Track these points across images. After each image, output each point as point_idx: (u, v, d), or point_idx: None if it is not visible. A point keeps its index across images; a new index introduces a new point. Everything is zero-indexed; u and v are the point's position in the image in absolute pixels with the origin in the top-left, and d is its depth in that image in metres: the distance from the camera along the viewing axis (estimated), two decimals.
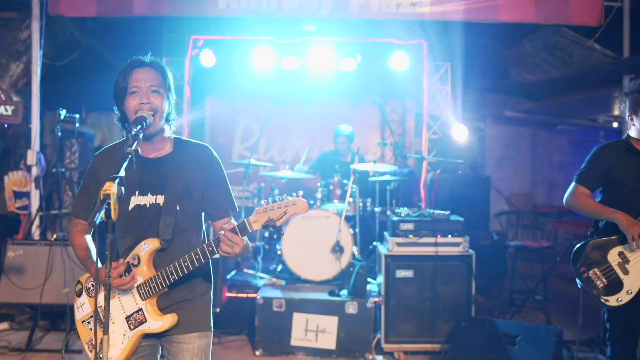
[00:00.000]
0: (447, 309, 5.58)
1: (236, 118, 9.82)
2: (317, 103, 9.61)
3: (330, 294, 5.78)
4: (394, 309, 5.60)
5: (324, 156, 7.72)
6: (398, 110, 9.71)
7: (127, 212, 2.71)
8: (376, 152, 9.64)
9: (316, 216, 6.45)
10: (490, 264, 6.64)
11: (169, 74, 2.80)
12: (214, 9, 6.32)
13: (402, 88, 9.09)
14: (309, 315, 5.62)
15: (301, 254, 6.37)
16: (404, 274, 5.62)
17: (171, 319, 2.66)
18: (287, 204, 2.40)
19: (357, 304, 5.59)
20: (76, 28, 7.35)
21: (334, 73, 8.54)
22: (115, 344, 2.70)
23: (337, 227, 6.29)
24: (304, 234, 6.38)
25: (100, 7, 6.29)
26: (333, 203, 6.77)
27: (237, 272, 6.78)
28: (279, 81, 8.97)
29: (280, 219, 2.39)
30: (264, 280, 6.51)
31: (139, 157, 2.73)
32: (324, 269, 6.30)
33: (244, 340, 5.98)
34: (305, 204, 2.42)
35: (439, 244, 5.62)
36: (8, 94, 6.77)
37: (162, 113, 2.70)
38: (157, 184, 2.72)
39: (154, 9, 6.31)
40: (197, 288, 2.79)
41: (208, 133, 10.01)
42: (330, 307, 5.62)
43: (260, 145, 9.85)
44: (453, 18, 6.32)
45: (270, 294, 5.75)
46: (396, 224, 5.72)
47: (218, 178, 2.81)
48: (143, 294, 2.66)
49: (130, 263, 2.69)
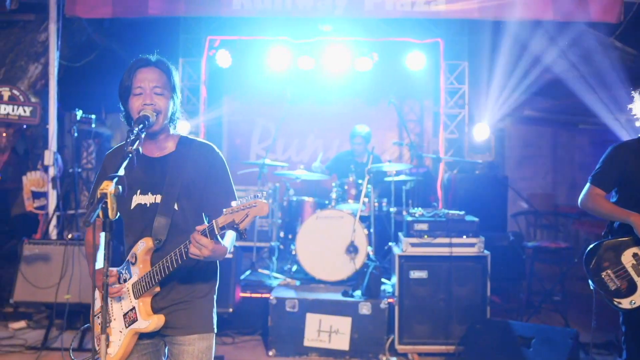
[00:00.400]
0: (462, 311, 5.51)
1: (253, 118, 9.84)
2: (334, 103, 9.59)
3: (343, 295, 5.75)
4: (408, 310, 5.55)
5: (340, 157, 7.69)
6: (416, 109, 9.65)
7: (130, 211, 2.72)
8: (394, 152, 9.59)
9: (331, 216, 6.42)
10: (507, 265, 6.55)
11: (175, 74, 2.78)
12: (229, 9, 6.33)
13: (419, 87, 9.04)
14: (322, 315, 5.59)
15: (316, 255, 6.34)
16: (418, 275, 5.57)
17: (156, 320, 2.65)
18: (249, 206, 2.33)
19: (371, 305, 5.55)
20: (93, 30, 7.42)
21: (350, 73, 8.52)
22: (114, 341, 2.71)
23: (351, 227, 6.25)
24: (319, 234, 6.35)
25: (115, 8, 6.35)
26: (348, 203, 6.73)
27: (252, 272, 6.77)
28: (295, 81, 8.97)
29: (242, 221, 2.32)
30: (278, 280, 6.50)
31: (142, 156, 2.75)
32: (339, 269, 6.27)
33: (257, 340, 5.97)
34: (265, 206, 2.33)
35: (453, 244, 5.55)
36: (26, 95, 6.85)
37: (165, 113, 2.69)
38: (157, 183, 2.72)
39: (168, 10, 6.35)
40: (198, 289, 2.76)
41: (226, 133, 10.05)
42: (344, 308, 5.59)
43: (277, 145, 9.87)
44: (468, 16, 6.26)
45: (283, 294, 5.73)
46: (410, 224, 5.67)
47: (219, 178, 2.77)
48: (136, 292, 2.65)
49: (129, 261, 2.69)
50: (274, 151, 9.86)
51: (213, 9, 6.34)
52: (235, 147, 9.85)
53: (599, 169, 3.74)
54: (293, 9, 6.31)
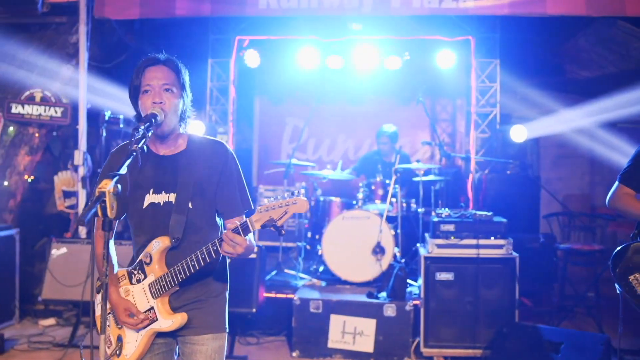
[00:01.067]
0: (489, 314, 5.38)
1: (284, 118, 9.83)
2: (365, 103, 9.52)
3: (368, 296, 5.68)
4: (434, 312, 5.44)
5: (367, 157, 7.62)
6: (448, 109, 9.51)
7: (142, 210, 2.70)
8: (426, 151, 9.47)
9: (357, 217, 6.36)
10: (539, 268, 6.39)
11: (184, 72, 2.75)
12: (255, 9, 6.33)
13: (451, 86, 8.90)
14: (347, 317, 5.54)
15: (342, 255, 6.29)
16: (444, 277, 5.46)
17: (180, 319, 2.64)
18: (287, 203, 2.32)
19: (396, 307, 5.47)
20: (124, 31, 7.50)
21: (380, 72, 8.44)
22: (129, 342, 2.71)
23: (378, 228, 6.18)
24: (345, 235, 6.30)
25: (143, 9, 6.41)
26: (375, 203, 6.66)
27: (278, 273, 6.75)
28: (326, 81, 8.95)
29: (281, 218, 2.32)
30: (304, 281, 6.47)
31: (153, 155, 2.75)
32: (365, 270, 6.21)
33: (282, 341, 5.95)
34: (305, 203, 2.33)
35: (480, 245, 5.43)
36: (58, 96, 6.96)
37: (174, 112, 2.66)
38: (170, 182, 2.70)
39: (195, 10, 6.38)
40: (211, 288, 2.74)
41: (257, 134, 10.07)
42: (368, 310, 5.52)
43: (308, 145, 9.85)
44: (498, 12, 6.13)
45: (307, 295, 5.69)
46: (436, 225, 5.56)
47: (231, 175, 2.74)
48: (154, 292, 2.64)
49: (143, 261, 2.68)
50: (305, 151, 9.84)
51: (239, 8, 6.35)
52: (267, 147, 9.86)
53: (628, 167, 3.61)
54: (319, 7, 6.27)
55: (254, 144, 10.18)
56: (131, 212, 2.75)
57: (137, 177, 2.72)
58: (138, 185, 2.72)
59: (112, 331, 2.79)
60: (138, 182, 2.72)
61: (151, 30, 7.88)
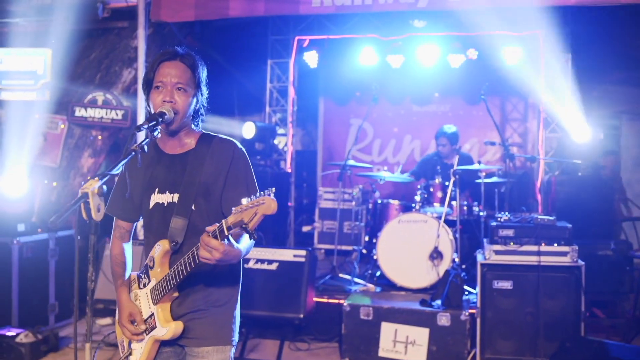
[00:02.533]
0: (551, 326, 4.99)
1: (349, 119, 9.66)
2: (431, 102, 9.24)
3: (421, 304, 5.41)
4: (491, 322, 5.11)
5: (427, 159, 7.33)
6: (519, 107, 9.04)
7: (148, 210, 2.61)
8: (496, 152, 9.05)
9: (414, 220, 6.12)
10: (611, 277, 5.91)
11: (202, 68, 2.62)
12: (308, 7, 6.19)
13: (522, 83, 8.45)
14: (398, 325, 5.30)
15: (397, 260, 6.07)
16: (502, 285, 5.11)
17: (174, 327, 2.49)
18: (256, 204, 2.10)
19: (450, 316, 5.18)
20: (184, 35, 7.56)
21: (444, 70, 8.14)
22: (136, 348, 2.61)
23: (435, 232, 5.91)
24: (401, 239, 6.09)
25: (197, 11, 6.41)
26: (433, 206, 6.38)
27: (332, 277, 6.58)
28: (389, 80, 8.71)
29: (251, 220, 2.10)
30: (359, 286, 6.27)
31: (163, 153, 2.64)
32: (421, 276, 5.96)
33: (334, 347, 5.77)
34: (273, 203, 2.10)
35: (542, 252, 5.05)
36: (119, 99, 7.07)
37: (185, 111, 2.53)
38: (175, 182, 2.57)
39: (249, 10, 6.31)
40: (214, 297, 2.58)
41: (321, 135, 9.96)
42: (421, 318, 5.26)
43: (373, 146, 9.65)
44: (565, 3, 5.72)
45: (358, 301, 5.49)
46: (494, 229, 5.23)
47: (240, 175, 2.57)
48: (154, 297, 2.53)
49: (148, 265, 2.58)
50: (370, 153, 9.65)
51: (292, 7, 6.22)
52: (331, 148, 9.72)
53: None
54: (373, 4, 6.05)
55: (318, 145, 10.08)
56: (143, 214, 2.67)
57: (145, 176, 2.63)
58: (146, 185, 2.62)
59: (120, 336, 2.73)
60: (146, 182, 2.62)
61: (211, 33, 7.93)
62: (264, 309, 5.42)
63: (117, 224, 2.79)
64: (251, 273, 5.52)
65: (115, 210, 2.76)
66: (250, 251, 5.23)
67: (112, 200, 2.76)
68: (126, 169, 2.69)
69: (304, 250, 5.55)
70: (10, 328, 5.40)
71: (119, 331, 2.77)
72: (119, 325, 2.66)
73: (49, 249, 6.02)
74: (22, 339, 5.17)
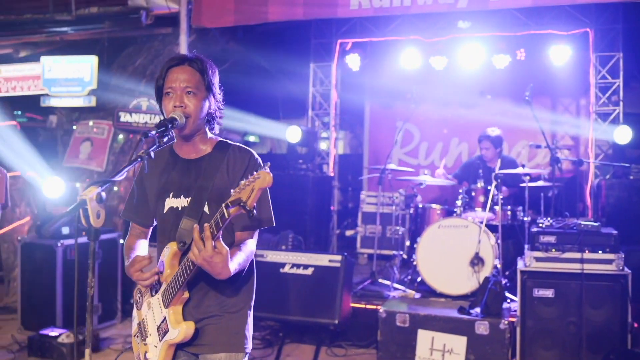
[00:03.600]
0: (595, 337, 4.77)
1: (394, 122, 9.53)
2: (479, 105, 9.01)
3: (459, 311, 5.27)
4: (531, 332, 4.93)
5: (469, 163, 7.16)
6: (571, 109, 8.73)
7: (163, 215, 2.60)
8: (546, 155, 8.74)
9: (454, 225, 5.98)
10: None
11: (211, 72, 2.61)
12: (346, 10, 6.16)
13: (572, 84, 8.17)
14: (435, 333, 5.17)
15: (437, 266, 5.95)
16: (543, 293, 4.93)
17: (185, 328, 2.44)
18: (253, 179, 2.06)
19: (489, 324, 5.02)
20: (227, 40, 7.64)
21: (491, 71, 7.95)
22: (151, 357, 2.58)
23: (477, 237, 5.76)
24: (441, 244, 5.96)
25: (237, 16, 6.47)
26: (475, 211, 6.22)
27: (372, 282, 6.50)
28: (434, 82, 8.57)
29: (249, 197, 2.05)
30: (398, 292, 6.17)
31: (178, 158, 2.64)
32: (461, 282, 5.81)
33: (371, 354, 5.68)
34: (268, 176, 2.04)
35: (585, 260, 4.84)
36: None
37: (197, 115, 2.52)
38: (190, 186, 2.57)
39: (287, 14, 6.33)
40: (230, 302, 2.55)
41: (367, 139, 9.88)
42: (459, 326, 5.12)
43: (420, 149, 9.51)
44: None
45: (394, 308, 5.40)
46: (535, 235, 5.05)
47: None
48: (165, 300, 2.51)
49: (159, 270, 2.57)
50: (416, 156, 9.51)
51: (331, 10, 6.21)
52: (377, 152, 9.63)
53: None
54: (412, 5, 5.97)
55: (365, 149, 10.00)
56: (157, 218, 2.67)
57: (160, 181, 2.64)
58: (161, 189, 2.62)
59: (140, 348, 2.70)
60: (161, 186, 2.63)
61: (254, 37, 7.97)
62: (299, 314, 5.40)
63: (133, 226, 2.80)
64: (286, 278, 5.51)
65: (130, 214, 2.78)
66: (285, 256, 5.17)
67: (128, 204, 2.79)
68: (142, 175, 2.71)
69: (340, 255, 5.50)
70: (54, 328, 5.54)
71: (135, 345, 2.76)
72: (130, 274, 2.57)
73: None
74: (64, 339, 5.30)
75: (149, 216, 2.73)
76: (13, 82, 7.44)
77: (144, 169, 2.48)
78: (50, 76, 7.08)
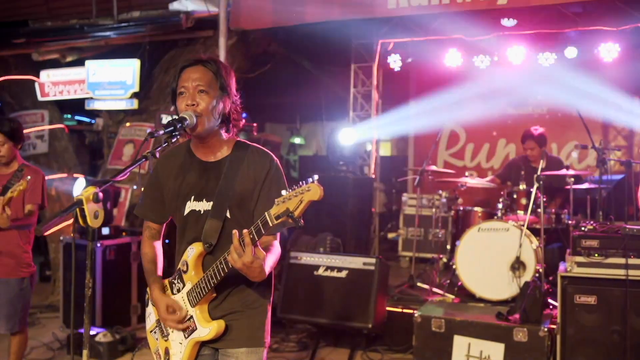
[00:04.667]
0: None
1: (440, 123, 9.35)
2: (527, 104, 8.79)
3: (497, 317, 5.11)
4: (572, 340, 4.72)
5: (513, 162, 6.93)
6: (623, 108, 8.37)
7: (183, 217, 2.61)
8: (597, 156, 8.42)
9: (495, 228, 5.80)
10: None
11: (224, 72, 2.59)
12: (384, 9, 6.06)
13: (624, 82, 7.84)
14: (472, 339, 5.02)
15: (476, 270, 5.78)
16: (585, 300, 4.72)
17: (217, 326, 2.50)
18: (302, 191, 2.09)
19: (527, 331, 4.84)
20: (268, 42, 7.65)
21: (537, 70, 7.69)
22: (174, 354, 2.63)
23: (518, 241, 5.57)
24: (481, 248, 5.78)
25: (275, 17, 6.46)
26: (517, 214, 6.03)
27: (410, 286, 6.38)
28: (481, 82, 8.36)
29: (297, 208, 2.09)
30: (437, 296, 6.03)
31: (197, 161, 2.64)
32: (502, 287, 5.62)
33: (408, 359, 5.58)
34: (318, 189, 2.07)
35: (630, 265, 4.60)
36: None
37: (210, 113, 2.49)
38: (211, 189, 2.57)
39: (325, 15, 6.28)
40: (251, 299, 2.58)
41: (412, 140, 9.75)
42: (496, 332, 4.96)
43: (466, 151, 9.33)
44: None
45: (430, 312, 5.27)
46: (577, 240, 4.83)
47: (271, 190, 2.52)
48: (192, 300, 2.54)
49: (181, 270, 2.59)
50: (462, 157, 9.34)
51: (368, 9, 6.12)
52: (422, 154, 9.47)
53: None
54: (451, 3, 5.80)
55: (410, 151, 9.87)
56: (176, 219, 2.68)
57: (177, 182, 2.64)
58: (181, 192, 2.63)
59: (160, 344, 2.73)
60: (181, 189, 2.63)
61: (296, 39, 7.96)
62: (333, 317, 5.34)
63: (147, 224, 2.82)
64: (321, 280, 5.46)
65: (145, 211, 2.79)
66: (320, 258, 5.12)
67: (142, 202, 2.80)
68: (157, 173, 2.72)
69: (374, 258, 5.42)
70: (93, 327, 5.64)
71: (152, 341, 2.79)
72: (160, 319, 2.64)
73: (132, 252, 6.24)
74: (101, 338, 5.40)
75: (164, 214, 2.75)
76: (60, 86, 7.64)
77: (169, 167, 2.58)
78: (94, 80, 7.24)
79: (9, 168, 4.39)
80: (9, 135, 4.30)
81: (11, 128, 4.32)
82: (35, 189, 4.33)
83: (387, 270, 5.65)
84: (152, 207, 2.75)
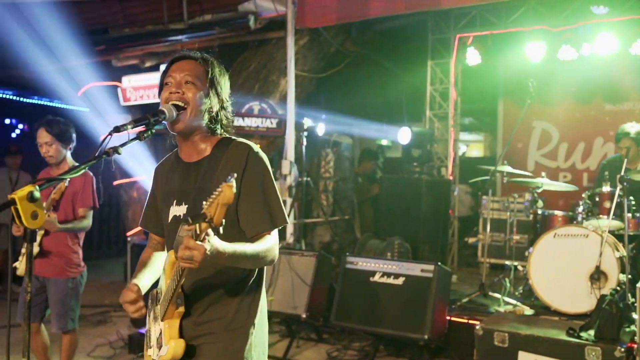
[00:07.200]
0: None
1: (531, 122, 8.77)
2: (627, 99, 8.03)
3: (568, 333, 4.62)
4: None
5: (608, 163, 6.28)
6: None
7: (168, 224, 2.43)
8: None
9: (572, 234, 5.31)
10: None
11: (218, 69, 2.41)
12: (450, 1, 5.72)
13: None
14: (538, 356, 4.56)
15: (552, 279, 5.32)
16: None
17: (173, 346, 2.22)
18: (217, 194, 1.82)
19: (601, 351, 4.33)
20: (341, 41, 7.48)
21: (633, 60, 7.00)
22: None
23: (598, 248, 5.04)
24: (556, 255, 5.33)
25: (339, 14, 6.32)
26: (599, 219, 5.47)
27: (480, 295, 5.95)
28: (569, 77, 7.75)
29: (215, 214, 1.82)
30: (509, 306, 5.59)
31: (181, 162, 2.46)
32: (579, 300, 5.13)
33: None
34: (227, 189, 1.78)
35: None
36: (274, 108, 7.19)
37: (194, 106, 2.29)
38: (189, 193, 2.36)
39: (389, 9, 6.06)
40: (228, 319, 2.30)
41: (501, 139, 9.21)
42: (565, 350, 4.46)
43: (559, 151, 8.68)
44: None
45: (493, 325, 4.85)
46: None
47: (253, 183, 2.28)
48: (160, 311, 2.31)
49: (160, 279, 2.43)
50: (555, 158, 8.70)
51: (434, 1, 5.82)
52: (512, 154, 8.92)
53: None
54: None
55: (498, 152, 9.33)
56: (164, 226, 2.49)
57: (165, 188, 2.46)
58: (165, 198, 2.45)
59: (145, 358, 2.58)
60: (166, 195, 2.45)
61: (371, 37, 7.75)
62: (389, 326, 5.08)
63: (151, 236, 2.64)
64: (376, 287, 5.21)
65: (145, 223, 2.63)
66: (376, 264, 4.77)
67: (144, 213, 2.64)
68: (154, 181, 2.57)
69: (432, 264, 5.09)
70: None
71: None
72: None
73: None
74: None
75: (162, 224, 2.54)
76: (140, 91, 7.85)
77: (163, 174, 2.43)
78: None
79: (59, 169, 4.47)
80: (58, 136, 4.37)
81: (60, 130, 4.39)
82: (85, 192, 4.37)
83: (448, 277, 5.30)
84: (150, 218, 2.58)
